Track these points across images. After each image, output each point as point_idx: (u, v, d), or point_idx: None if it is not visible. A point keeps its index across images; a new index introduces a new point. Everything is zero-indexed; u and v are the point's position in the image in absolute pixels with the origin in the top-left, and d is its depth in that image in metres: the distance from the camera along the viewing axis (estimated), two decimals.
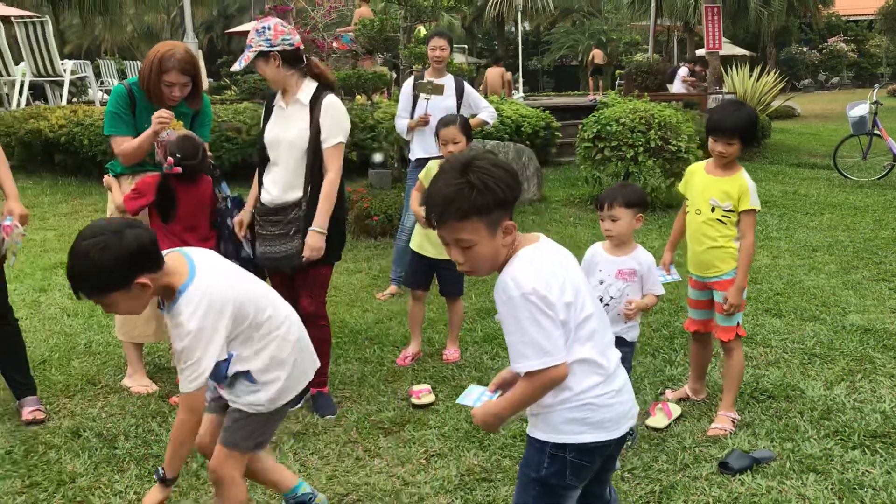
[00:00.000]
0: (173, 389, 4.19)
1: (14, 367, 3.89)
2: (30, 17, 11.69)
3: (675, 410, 3.81)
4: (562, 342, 1.98)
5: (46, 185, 9.96)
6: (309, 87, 3.81)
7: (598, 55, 21.23)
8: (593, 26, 42.19)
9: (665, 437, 3.62)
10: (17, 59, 12.18)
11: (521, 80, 28.57)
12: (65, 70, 11.86)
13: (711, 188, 3.60)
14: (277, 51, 3.71)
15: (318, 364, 2.81)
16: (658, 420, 3.72)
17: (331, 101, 3.81)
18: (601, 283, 3.49)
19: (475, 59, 47.72)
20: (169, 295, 2.36)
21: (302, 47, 3.84)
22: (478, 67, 47.11)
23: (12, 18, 11.83)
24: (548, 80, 47.56)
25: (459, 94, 5.88)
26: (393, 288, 5.96)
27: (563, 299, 2.00)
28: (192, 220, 3.98)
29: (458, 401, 2.97)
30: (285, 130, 3.82)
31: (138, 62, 23.50)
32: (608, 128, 8.66)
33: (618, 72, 24.65)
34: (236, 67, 3.85)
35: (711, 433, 3.62)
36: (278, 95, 3.89)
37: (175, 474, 2.43)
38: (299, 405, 3.91)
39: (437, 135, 4.53)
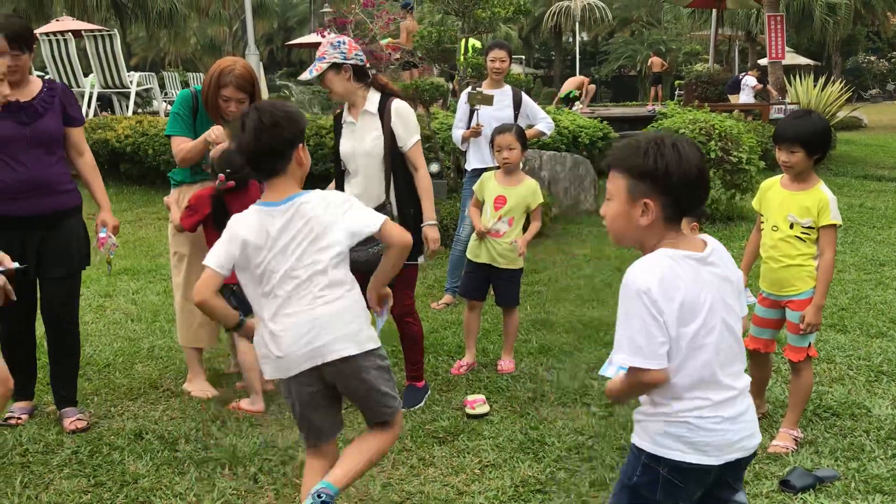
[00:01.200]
0: (232, 395, 4.27)
1: (64, 374, 3.97)
2: (99, 30, 12.07)
3: None
4: (662, 350, 1.94)
5: (112, 194, 10.18)
6: (374, 97, 4.00)
7: (656, 63, 20.95)
8: (652, 36, 41.80)
9: None
10: (87, 72, 12.60)
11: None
12: (131, 82, 12.22)
13: (789, 203, 3.50)
14: (350, 64, 3.89)
15: None
16: None
17: (397, 106, 4.00)
18: None
19: (532, 70, 47.75)
20: None
21: (368, 64, 3.99)
22: (535, 78, 47.10)
23: (82, 32, 12.25)
24: (606, 90, 47.24)
25: (517, 104, 5.87)
26: (448, 298, 5.97)
27: (678, 312, 1.95)
28: None
29: (599, 371, 3.03)
30: (360, 142, 4.01)
31: (201, 74, 24.07)
32: None
33: (677, 82, 24.36)
34: (306, 76, 3.97)
35: (772, 450, 3.53)
36: (345, 112, 4.07)
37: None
38: None
39: (492, 143, 4.59)
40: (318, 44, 13.04)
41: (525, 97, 6.03)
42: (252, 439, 3.69)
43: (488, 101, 5.62)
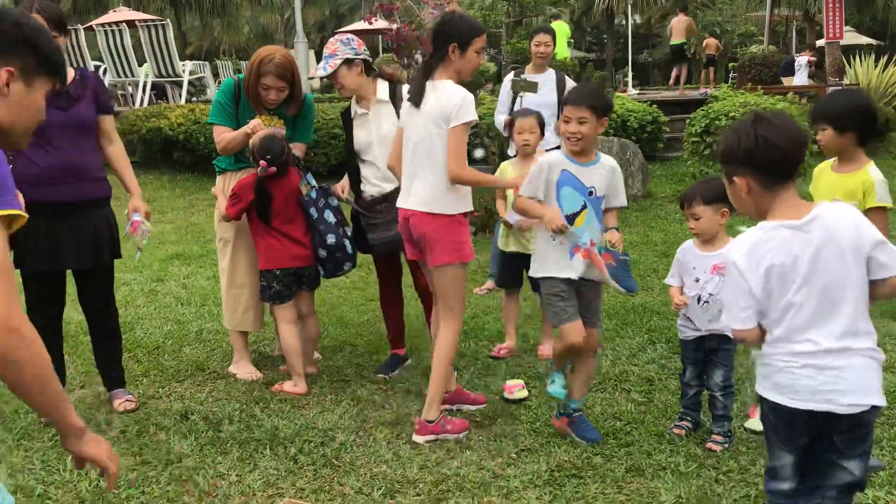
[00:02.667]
0: (276, 377, 4.35)
1: (109, 356, 4.06)
2: (152, 20, 12.30)
3: None
4: (746, 314, 2.23)
5: (165, 181, 10.49)
6: (383, 86, 4.17)
7: (710, 45, 20.44)
8: (707, 18, 40.95)
9: (764, 440, 3.49)
10: (141, 61, 12.87)
11: (630, 74, 28.07)
12: (184, 70, 12.44)
13: (836, 187, 3.40)
14: (360, 59, 4.09)
15: None
16: (757, 423, 3.59)
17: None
18: (697, 280, 3.42)
19: (583, 53, 47.15)
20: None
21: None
22: (586, 62, 46.55)
23: (136, 22, 12.50)
24: (659, 73, 46.46)
25: (560, 88, 5.80)
26: (490, 284, 5.98)
27: (764, 280, 2.19)
28: (289, 213, 4.12)
29: None
30: (377, 130, 4.15)
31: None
32: (717, 122, 8.42)
33: (731, 64, 23.85)
34: (320, 73, 4.13)
35: None
36: (354, 107, 4.21)
37: None
38: (395, 372, 4.37)
39: (511, 126, 4.61)
40: (368, 30, 13.08)
41: (569, 81, 5.97)
42: (293, 421, 3.76)
43: (532, 87, 5.57)
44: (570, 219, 3.44)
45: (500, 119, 5.87)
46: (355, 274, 6.37)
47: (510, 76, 5.87)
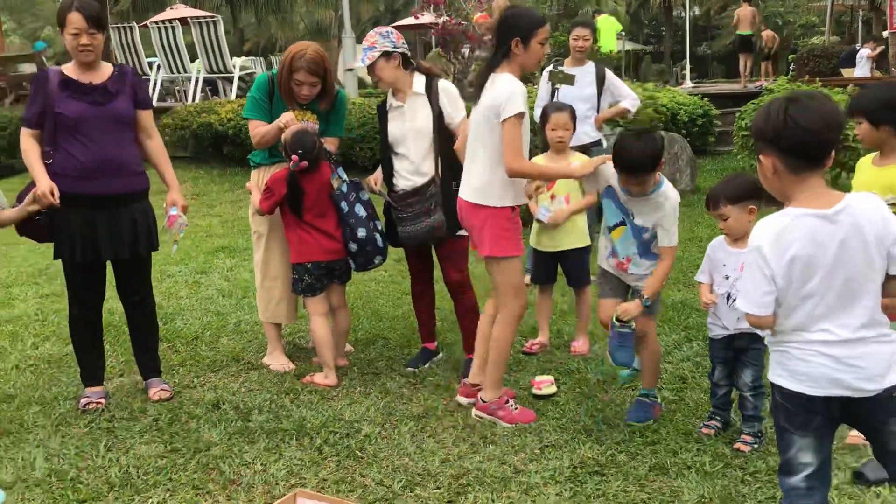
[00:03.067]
0: (309, 369, 4.40)
1: (146, 346, 4.15)
2: (204, 17, 12.53)
3: None
4: (767, 299, 2.18)
5: (216, 175, 10.68)
6: (420, 80, 4.17)
7: (767, 37, 20.00)
8: (768, 9, 40.02)
9: None
10: (194, 58, 13.11)
11: (687, 66, 27.59)
12: (234, 66, 12.64)
13: (874, 180, 3.30)
14: (399, 52, 4.11)
15: None
16: None
17: (444, 85, 4.23)
18: (727, 278, 3.35)
19: (641, 46, 46.51)
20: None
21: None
22: (643, 54, 45.93)
23: (189, 19, 12.75)
24: (718, 66, 45.58)
25: (600, 81, 5.76)
26: (527, 278, 5.95)
27: (787, 267, 2.14)
28: (321, 207, 4.16)
29: None
30: (411, 122, 4.16)
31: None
32: None
33: (791, 56, 23.26)
34: (358, 65, 4.14)
35: (851, 441, 3.38)
36: (391, 98, 4.22)
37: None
38: (426, 366, 4.39)
39: (544, 119, 4.59)
40: (419, 25, 13.13)
41: (609, 74, 5.90)
42: (321, 412, 3.80)
43: (569, 80, 5.52)
44: (610, 230, 3.61)
45: (538, 113, 5.83)
46: (393, 268, 6.41)
47: (548, 69, 5.82)
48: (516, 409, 3.71)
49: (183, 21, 13.09)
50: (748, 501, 2.97)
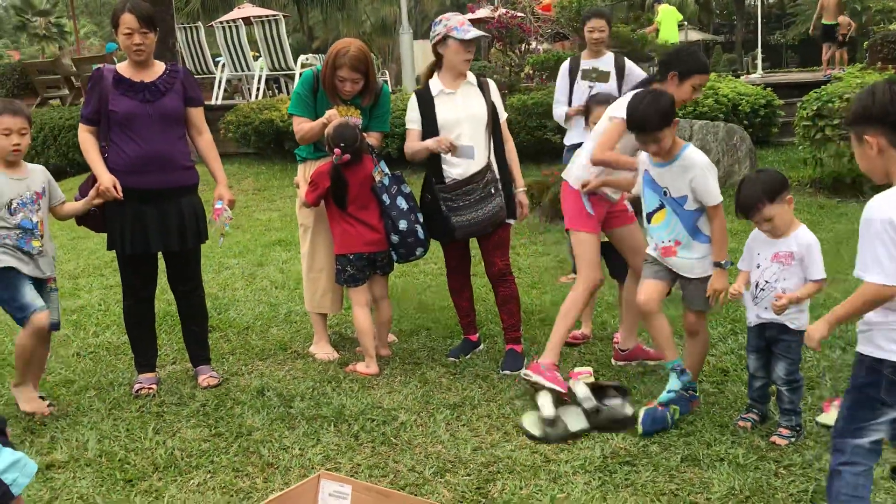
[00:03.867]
0: (352, 358, 4.50)
1: (195, 335, 4.31)
2: (266, 16, 12.79)
3: None
4: None
5: (277, 170, 10.90)
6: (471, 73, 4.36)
7: (842, 24, 19.31)
8: (854, 2, 38.69)
9: None
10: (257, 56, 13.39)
11: (759, 56, 26.90)
12: (296, 64, 12.88)
13: None
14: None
15: None
16: (831, 417, 3.43)
17: (493, 83, 4.34)
18: (758, 266, 3.31)
19: (711, 36, 45.47)
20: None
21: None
22: (713, 44, 44.85)
23: (252, 18, 13.04)
24: (792, 55, 44.29)
25: (620, 71, 5.48)
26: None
27: None
28: (363, 199, 4.25)
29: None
30: (465, 108, 4.25)
31: (371, 55, 24.89)
32: (830, 104, 7.99)
33: (866, 43, 22.42)
34: (471, 35, 4.21)
35: None
36: (438, 86, 4.29)
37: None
38: (467, 356, 4.44)
39: (587, 113, 4.57)
40: (477, 20, 13.12)
41: (629, 63, 5.60)
42: (360, 400, 3.89)
43: (604, 77, 5.33)
44: (649, 217, 3.63)
45: (560, 111, 5.63)
46: (441, 260, 6.46)
47: (566, 64, 5.64)
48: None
49: (246, 20, 13.39)
50: (779, 494, 2.93)
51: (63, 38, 58.26)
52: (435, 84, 4.30)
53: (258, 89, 12.86)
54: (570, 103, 5.53)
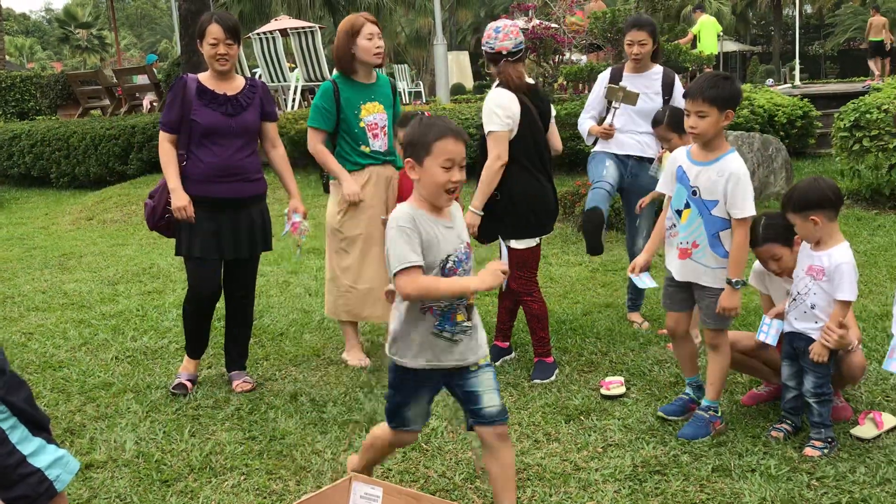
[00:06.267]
0: (383, 364, 4.54)
1: (238, 341, 4.38)
2: (302, 27, 12.94)
3: (889, 421, 3.47)
4: None
5: (312, 180, 11.01)
6: (494, 83, 4.28)
7: (888, 36, 19.24)
8: (888, 3, 38.14)
9: (870, 448, 3.32)
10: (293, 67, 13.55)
11: (797, 66, 26.63)
12: (331, 74, 12.99)
13: None
14: (484, 49, 4.28)
15: None
16: (866, 430, 3.42)
17: (490, 94, 4.21)
18: (795, 276, 3.30)
19: (748, 47, 45.10)
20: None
21: (504, 52, 4.15)
22: (750, 55, 44.41)
23: (288, 30, 13.21)
24: (831, 65, 43.75)
25: (668, 88, 4.94)
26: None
27: None
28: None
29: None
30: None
31: (406, 65, 25.05)
32: (867, 115, 7.90)
33: None
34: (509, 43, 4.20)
35: None
36: None
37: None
38: (497, 363, 4.47)
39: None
40: None
41: (678, 83, 5.01)
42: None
43: (632, 99, 4.76)
44: (679, 213, 3.48)
45: (586, 124, 5.08)
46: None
47: (605, 74, 5.07)
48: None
49: (283, 32, 13.57)
50: None
51: (104, 50, 59.51)
52: None
53: (294, 100, 13.02)
54: (603, 116, 5.05)
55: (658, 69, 4.97)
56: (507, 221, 4.20)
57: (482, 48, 4.31)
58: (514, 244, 4.23)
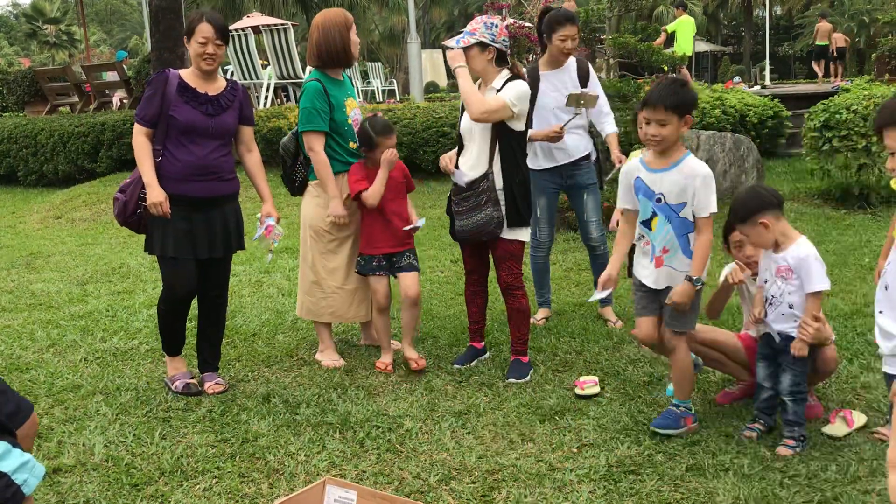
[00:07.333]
0: (358, 365, 4.52)
1: (210, 341, 4.33)
2: (274, 24, 12.85)
3: (860, 420, 3.51)
4: None
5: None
6: (502, 77, 4.13)
7: (838, 38, 20.11)
8: (855, 6, 38.77)
9: (841, 446, 3.35)
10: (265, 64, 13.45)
11: (767, 67, 26.97)
12: (304, 72, 12.94)
13: None
14: (496, 47, 4.09)
15: None
16: (836, 428, 3.45)
17: (510, 84, 4.07)
18: (765, 281, 3.32)
19: (719, 47, 45.54)
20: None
21: (528, 47, 4.16)
22: (721, 55, 44.79)
23: (260, 27, 13.11)
24: (800, 66, 44.33)
25: (583, 78, 4.90)
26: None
27: None
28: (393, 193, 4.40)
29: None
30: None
31: (379, 63, 24.99)
32: (837, 116, 8.01)
33: (873, 55, 22.47)
34: (452, 44, 4.14)
35: (878, 435, 3.31)
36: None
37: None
38: (472, 364, 4.44)
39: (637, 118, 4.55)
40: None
41: (593, 73, 5.02)
42: (366, 407, 3.90)
43: (592, 102, 4.71)
44: (647, 224, 3.46)
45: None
46: (448, 269, 6.50)
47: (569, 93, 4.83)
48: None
49: (255, 29, 13.47)
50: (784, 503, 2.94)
51: (73, 46, 58.67)
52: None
53: (266, 97, 12.92)
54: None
55: (571, 60, 4.92)
56: (523, 211, 4.21)
57: (495, 44, 4.09)
58: (515, 235, 4.22)
